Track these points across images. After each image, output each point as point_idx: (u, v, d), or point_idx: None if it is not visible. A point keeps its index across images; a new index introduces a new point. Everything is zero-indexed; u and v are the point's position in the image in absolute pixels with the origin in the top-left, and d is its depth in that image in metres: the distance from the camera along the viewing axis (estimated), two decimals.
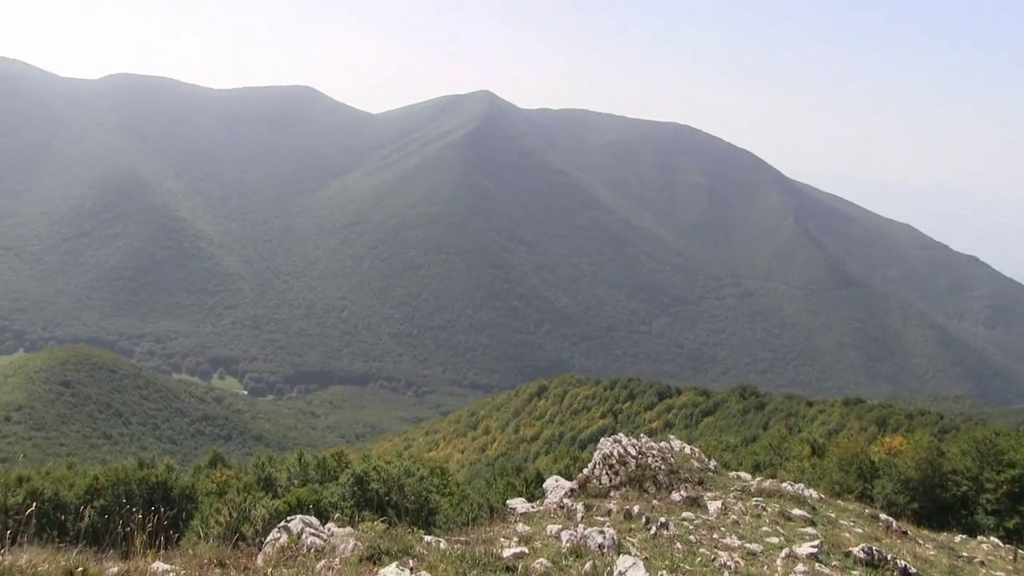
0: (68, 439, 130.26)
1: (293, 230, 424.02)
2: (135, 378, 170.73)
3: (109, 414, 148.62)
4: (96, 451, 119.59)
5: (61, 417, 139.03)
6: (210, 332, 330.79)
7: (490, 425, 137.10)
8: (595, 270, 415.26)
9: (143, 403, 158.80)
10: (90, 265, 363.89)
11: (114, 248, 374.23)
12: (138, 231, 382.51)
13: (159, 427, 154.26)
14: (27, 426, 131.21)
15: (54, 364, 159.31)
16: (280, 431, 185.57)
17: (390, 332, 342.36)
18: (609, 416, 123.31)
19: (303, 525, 12.83)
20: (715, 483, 18.44)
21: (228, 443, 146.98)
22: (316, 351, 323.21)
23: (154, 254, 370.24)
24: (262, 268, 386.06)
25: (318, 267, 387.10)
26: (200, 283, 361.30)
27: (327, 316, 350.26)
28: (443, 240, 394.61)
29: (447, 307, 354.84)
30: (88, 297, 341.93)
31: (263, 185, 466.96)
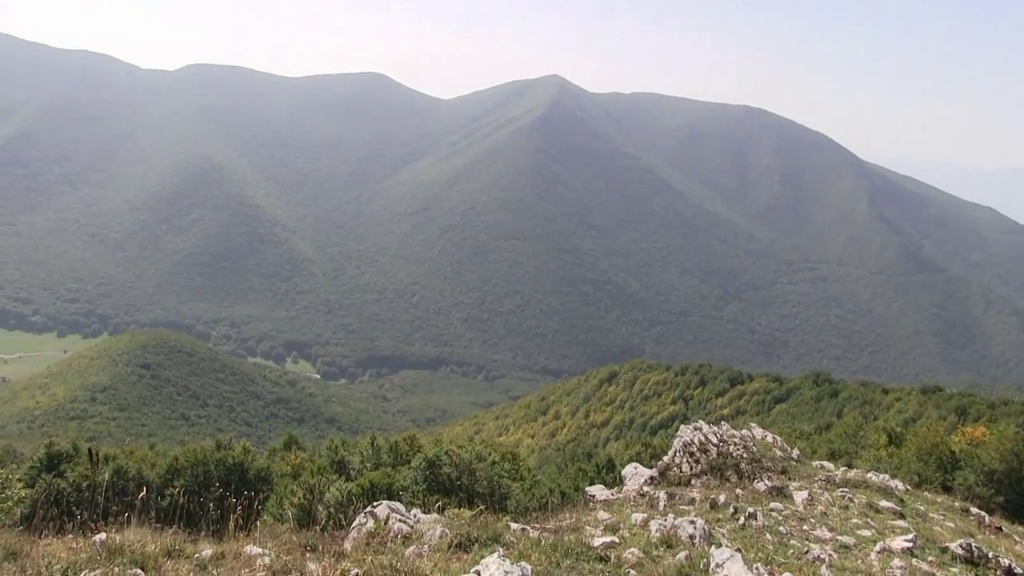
0: (149, 420, 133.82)
1: (365, 216, 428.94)
2: (212, 361, 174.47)
3: (187, 396, 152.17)
4: (175, 432, 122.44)
5: (142, 399, 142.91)
6: (284, 316, 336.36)
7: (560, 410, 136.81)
8: (666, 255, 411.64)
9: (219, 386, 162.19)
10: (169, 251, 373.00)
11: (192, 234, 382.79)
12: (215, 217, 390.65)
13: (235, 409, 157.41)
14: (111, 407, 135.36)
15: (135, 347, 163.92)
16: (352, 415, 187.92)
17: (461, 317, 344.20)
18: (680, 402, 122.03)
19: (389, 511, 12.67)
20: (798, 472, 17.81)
21: (301, 426, 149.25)
22: (388, 336, 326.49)
23: (230, 240, 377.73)
24: (334, 253, 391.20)
25: (389, 252, 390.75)
26: (274, 268, 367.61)
27: (398, 301, 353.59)
28: (513, 225, 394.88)
29: (517, 292, 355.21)
30: (167, 282, 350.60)
31: (335, 171, 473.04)
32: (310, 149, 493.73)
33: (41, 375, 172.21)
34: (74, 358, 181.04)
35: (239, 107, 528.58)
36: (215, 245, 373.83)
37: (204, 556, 10.71)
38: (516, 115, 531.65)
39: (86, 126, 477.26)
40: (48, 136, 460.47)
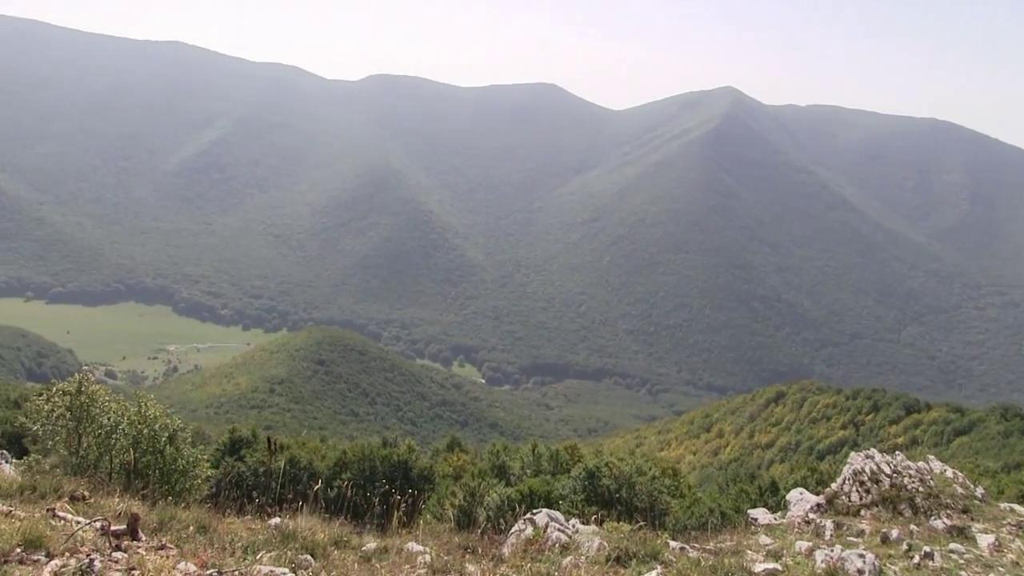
0: (320, 413, 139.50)
1: (535, 224, 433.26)
2: (382, 361, 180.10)
3: (357, 393, 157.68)
4: (344, 427, 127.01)
5: (316, 393, 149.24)
6: (453, 321, 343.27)
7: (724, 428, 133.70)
8: (841, 273, 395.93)
9: (388, 385, 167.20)
10: (346, 253, 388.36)
11: (368, 238, 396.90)
12: (390, 222, 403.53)
13: (401, 409, 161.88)
14: (287, 399, 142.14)
15: (312, 344, 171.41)
16: (514, 420, 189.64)
17: (627, 328, 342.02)
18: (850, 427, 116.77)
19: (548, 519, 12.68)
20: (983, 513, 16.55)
21: (464, 429, 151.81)
22: (553, 344, 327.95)
23: (404, 244, 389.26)
24: (504, 260, 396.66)
25: (558, 261, 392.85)
26: (445, 273, 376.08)
27: (565, 310, 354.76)
28: (683, 238, 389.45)
29: (685, 306, 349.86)
30: (343, 283, 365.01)
31: (507, 180, 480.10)
32: (483, 157, 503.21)
33: (227, 365, 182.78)
34: (256, 351, 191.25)
35: (417, 115, 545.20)
36: (390, 249, 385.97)
37: (369, 549, 11.04)
38: (689, 127, 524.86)
39: (275, 133, 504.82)
40: (242, 143, 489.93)
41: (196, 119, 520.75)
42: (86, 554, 9.16)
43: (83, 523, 10.62)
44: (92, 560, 8.90)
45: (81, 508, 12.72)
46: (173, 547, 10.32)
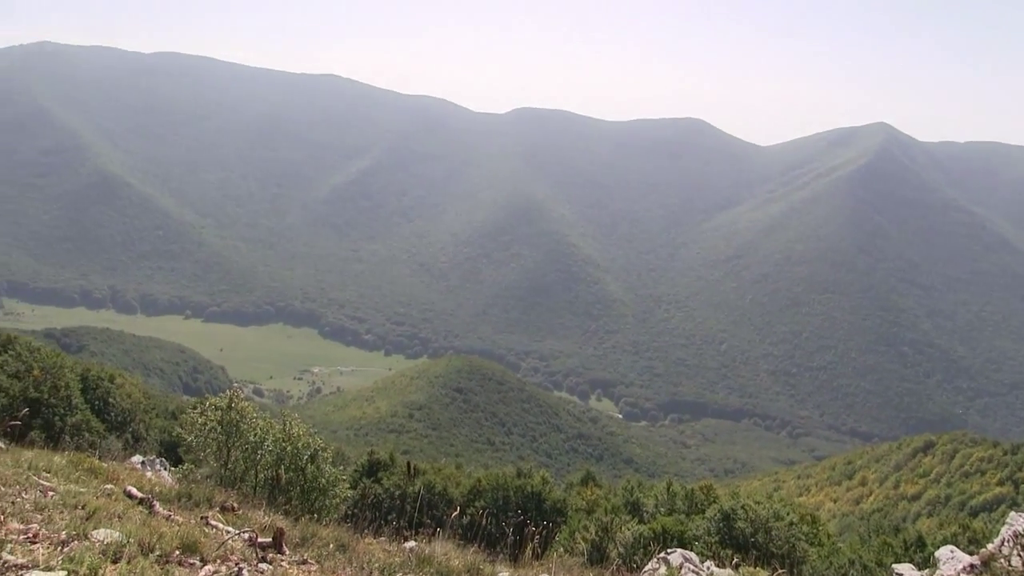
0: (457, 440, 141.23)
1: (677, 260, 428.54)
2: (519, 391, 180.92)
3: (494, 422, 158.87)
4: (480, 455, 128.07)
5: (453, 420, 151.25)
6: (591, 354, 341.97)
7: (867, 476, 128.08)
8: (1000, 320, 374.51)
9: (524, 416, 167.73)
10: (488, 283, 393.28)
11: (510, 269, 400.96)
12: (532, 254, 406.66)
13: (537, 440, 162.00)
14: (426, 424, 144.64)
15: (451, 371, 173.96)
16: (650, 457, 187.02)
17: (768, 369, 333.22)
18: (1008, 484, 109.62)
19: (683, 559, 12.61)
20: None
21: (599, 463, 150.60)
22: (692, 381, 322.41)
23: (545, 276, 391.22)
24: (644, 295, 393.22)
25: (700, 298, 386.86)
26: (585, 307, 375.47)
27: (705, 347, 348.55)
28: (829, 278, 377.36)
29: (830, 347, 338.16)
30: (484, 312, 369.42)
31: (650, 214, 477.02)
32: (627, 191, 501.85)
33: (368, 389, 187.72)
34: (397, 376, 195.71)
35: (561, 149, 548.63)
36: (531, 280, 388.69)
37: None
38: (838, 163, 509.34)
39: (422, 164, 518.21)
40: (390, 173, 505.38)
41: (347, 149, 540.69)
42: (235, 563, 9.72)
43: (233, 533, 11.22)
44: (241, 569, 9.43)
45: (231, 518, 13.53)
46: (314, 563, 10.79)
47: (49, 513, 10.11)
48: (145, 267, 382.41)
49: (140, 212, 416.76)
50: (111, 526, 9.74)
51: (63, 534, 9.14)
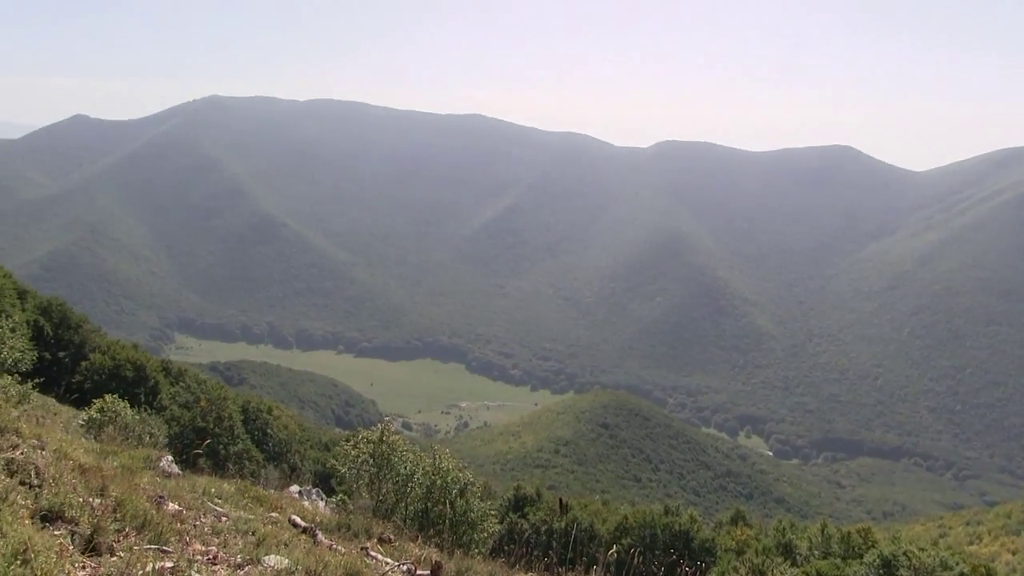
0: (603, 476, 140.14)
1: (828, 292, 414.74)
2: (666, 427, 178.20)
3: (640, 459, 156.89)
4: (626, 491, 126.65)
5: (599, 455, 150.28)
6: (740, 390, 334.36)
7: None
8: None
9: (671, 452, 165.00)
10: (634, 318, 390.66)
11: (656, 303, 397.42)
12: (678, 288, 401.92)
13: (684, 477, 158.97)
14: (572, 460, 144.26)
15: (597, 407, 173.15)
16: (802, 497, 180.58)
17: (928, 406, 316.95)
18: None
19: None
20: None
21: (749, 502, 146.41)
22: (846, 418, 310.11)
23: (691, 311, 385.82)
24: (795, 329, 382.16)
25: (853, 331, 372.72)
26: (733, 341, 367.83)
27: (860, 383, 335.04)
28: (995, 309, 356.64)
29: (998, 383, 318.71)
30: (630, 347, 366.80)
31: (799, 246, 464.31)
32: (774, 223, 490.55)
33: (515, 423, 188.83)
34: (543, 411, 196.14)
35: (706, 181, 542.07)
36: (677, 314, 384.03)
37: None
38: (1002, 187, 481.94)
39: (566, 200, 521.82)
40: (535, 209, 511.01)
41: (492, 186, 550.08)
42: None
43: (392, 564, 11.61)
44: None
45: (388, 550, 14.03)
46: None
47: (224, 537, 10.81)
48: (300, 304, 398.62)
49: (296, 251, 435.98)
50: (280, 553, 10.38)
51: (238, 558, 9.81)
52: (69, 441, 12.18)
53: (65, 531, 7.90)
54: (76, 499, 8.51)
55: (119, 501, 9.26)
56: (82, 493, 8.98)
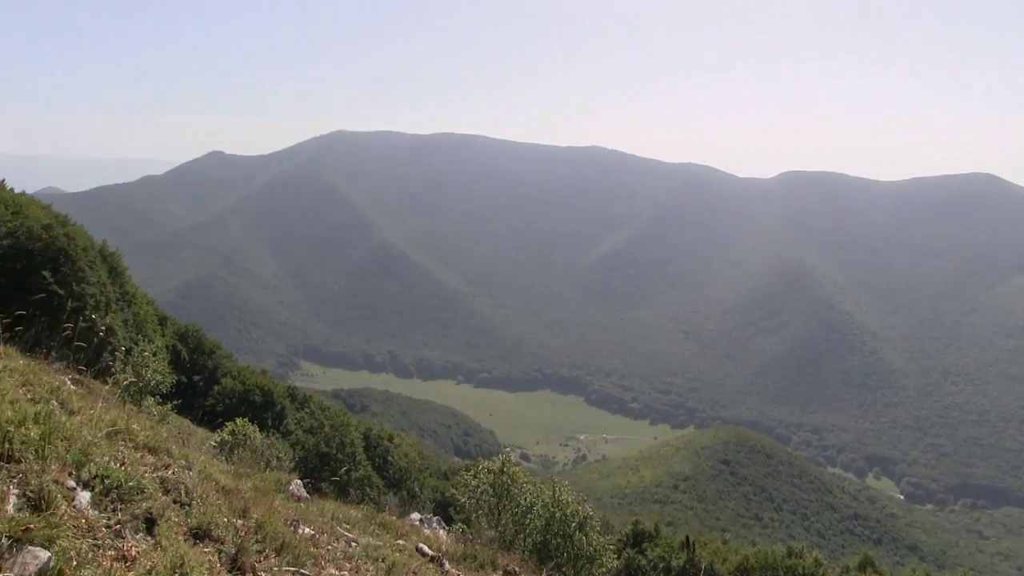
0: (723, 514, 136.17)
1: (966, 327, 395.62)
2: (789, 466, 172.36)
3: (762, 497, 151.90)
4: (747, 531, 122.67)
5: (719, 493, 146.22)
6: (868, 429, 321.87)
7: None
8: None
9: (795, 492, 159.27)
10: (755, 352, 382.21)
11: (779, 337, 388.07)
12: (802, 322, 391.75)
13: (808, 518, 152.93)
14: (691, 496, 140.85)
15: (718, 443, 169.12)
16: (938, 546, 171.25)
17: None
18: None
19: None
20: None
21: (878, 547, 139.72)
22: (987, 463, 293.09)
23: (816, 345, 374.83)
24: (928, 367, 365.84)
25: (994, 370, 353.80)
26: (861, 378, 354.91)
27: (1004, 425, 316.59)
28: None
29: None
30: (752, 382, 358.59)
31: (933, 279, 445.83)
32: (906, 255, 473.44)
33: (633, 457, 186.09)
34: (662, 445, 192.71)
35: (832, 212, 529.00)
36: (801, 349, 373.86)
37: None
38: None
39: (687, 232, 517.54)
40: (655, 241, 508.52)
41: (612, 218, 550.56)
42: None
43: None
44: None
45: None
46: None
47: (356, 563, 11.27)
48: (421, 334, 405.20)
49: (417, 282, 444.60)
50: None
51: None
52: (210, 463, 12.81)
53: (213, 549, 8.36)
54: (221, 519, 9.05)
55: (259, 523, 9.78)
56: (226, 513, 9.48)
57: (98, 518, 7.07)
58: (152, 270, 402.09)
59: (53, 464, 7.25)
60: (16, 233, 36.33)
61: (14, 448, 7.03)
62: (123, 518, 7.33)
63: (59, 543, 6.10)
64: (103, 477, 7.70)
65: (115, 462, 8.38)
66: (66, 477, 7.24)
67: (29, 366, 12.39)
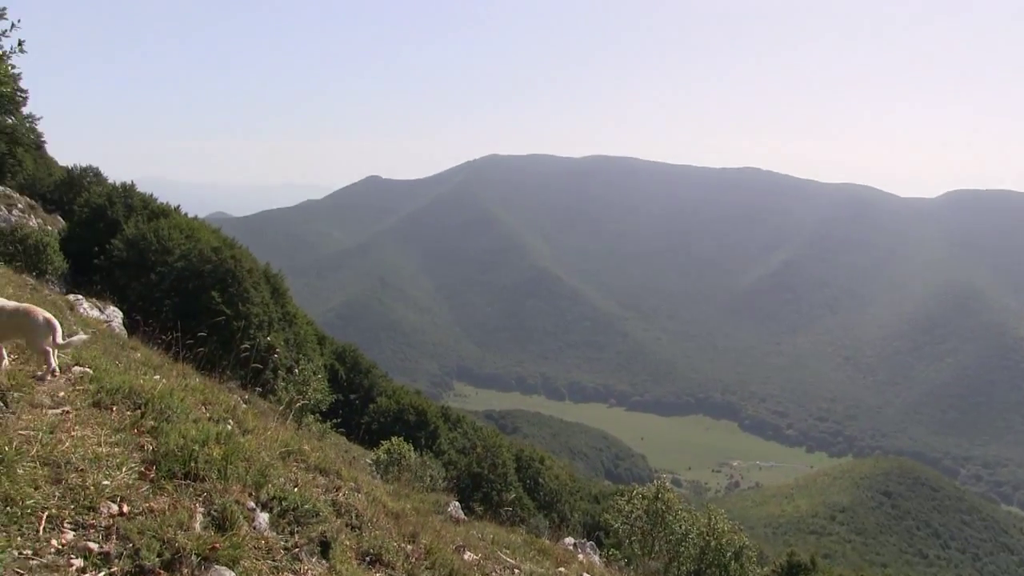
0: (884, 549, 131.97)
1: None
2: (957, 501, 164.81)
3: (927, 533, 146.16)
4: (910, 568, 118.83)
5: (880, 526, 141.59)
6: None
7: None
8: None
9: (964, 529, 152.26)
10: (919, 379, 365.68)
11: (945, 364, 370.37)
12: (970, 348, 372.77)
13: (980, 559, 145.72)
14: (848, 528, 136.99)
15: (878, 473, 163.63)
16: None
17: None
18: None
19: None
20: None
21: None
22: None
23: (987, 373, 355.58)
24: None
25: None
26: None
27: None
28: None
29: None
30: (915, 411, 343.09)
31: None
32: None
33: (788, 486, 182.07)
34: (818, 474, 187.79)
35: (1004, 232, 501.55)
36: (970, 377, 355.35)
37: None
38: None
39: (846, 254, 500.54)
40: (812, 263, 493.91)
41: (767, 240, 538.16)
42: None
43: None
44: None
45: None
46: None
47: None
48: (573, 356, 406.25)
49: (570, 305, 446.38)
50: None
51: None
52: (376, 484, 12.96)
53: (383, 574, 8.41)
54: (391, 544, 9.04)
55: (428, 548, 9.71)
56: (396, 538, 9.48)
57: (276, 540, 7.35)
58: (312, 291, 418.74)
59: (234, 484, 7.59)
60: (189, 255, 39.52)
61: (199, 467, 7.37)
62: (299, 541, 7.58)
63: (242, 563, 6.45)
64: (280, 499, 8.01)
65: (290, 484, 8.67)
66: (246, 498, 7.59)
67: (207, 384, 12.76)
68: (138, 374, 10.33)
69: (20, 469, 6.08)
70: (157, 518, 6.31)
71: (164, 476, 7.04)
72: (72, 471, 6.43)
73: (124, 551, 5.85)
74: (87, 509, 6.09)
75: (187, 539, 6.21)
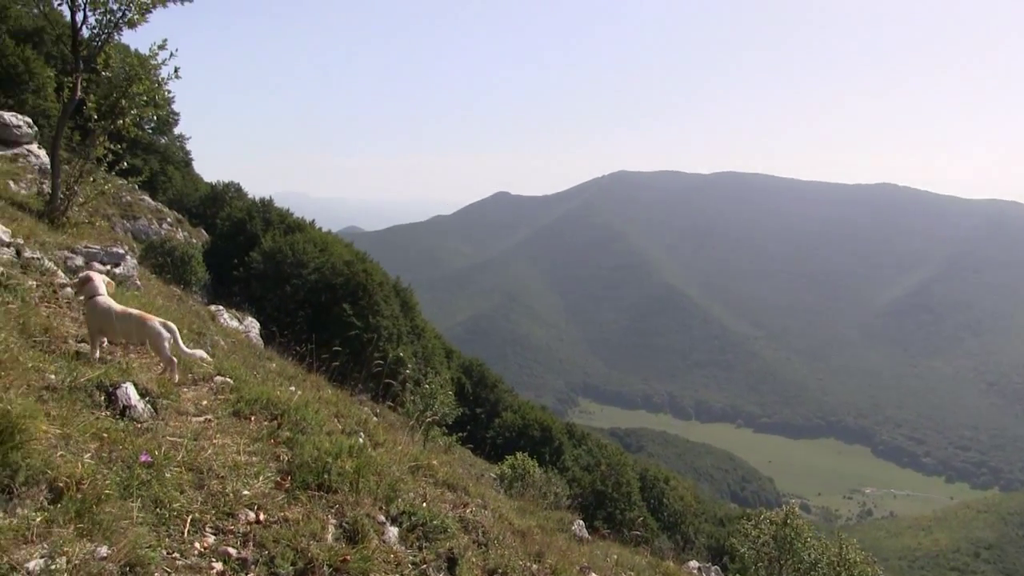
0: None
1: None
2: None
3: None
4: None
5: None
6: None
7: None
8: None
9: None
10: None
11: None
12: None
13: None
14: (995, 567, 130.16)
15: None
16: None
17: None
18: None
19: None
20: None
21: None
22: None
23: None
24: None
25: None
26: None
27: None
28: None
29: None
30: None
31: None
32: None
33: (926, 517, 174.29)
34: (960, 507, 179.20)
35: None
36: None
37: None
38: None
39: (991, 273, 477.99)
40: (954, 283, 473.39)
41: (904, 260, 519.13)
42: None
43: None
44: None
45: None
46: None
47: None
48: (700, 375, 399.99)
49: (698, 323, 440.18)
50: None
51: None
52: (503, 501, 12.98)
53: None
54: (517, 562, 9.04)
55: (554, 569, 9.74)
56: (521, 557, 9.46)
57: (405, 554, 7.46)
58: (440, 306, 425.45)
59: (365, 498, 7.74)
60: (322, 268, 40.80)
61: (331, 479, 7.53)
62: (427, 556, 7.66)
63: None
64: (410, 514, 8.12)
65: (419, 498, 8.76)
66: (377, 511, 7.73)
67: (339, 396, 12.93)
68: (275, 385, 10.70)
69: (168, 473, 6.44)
70: (291, 527, 6.60)
71: (298, 487, 7.34)
72: (214, 478, 6.82)
73: (260, 558, 6.05)
74: (227, 515, 6.41)
75: (319, 550, 6.44)
